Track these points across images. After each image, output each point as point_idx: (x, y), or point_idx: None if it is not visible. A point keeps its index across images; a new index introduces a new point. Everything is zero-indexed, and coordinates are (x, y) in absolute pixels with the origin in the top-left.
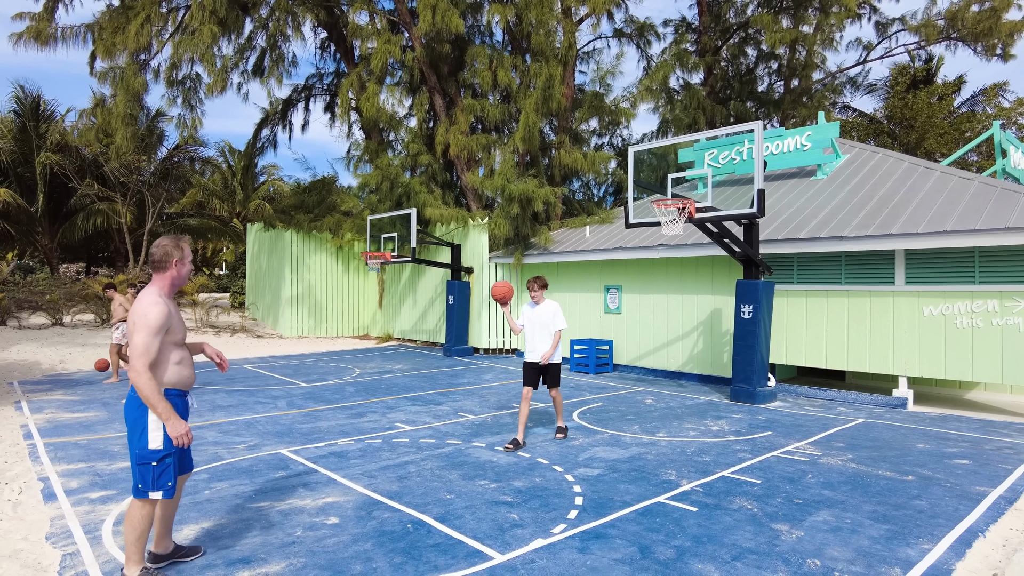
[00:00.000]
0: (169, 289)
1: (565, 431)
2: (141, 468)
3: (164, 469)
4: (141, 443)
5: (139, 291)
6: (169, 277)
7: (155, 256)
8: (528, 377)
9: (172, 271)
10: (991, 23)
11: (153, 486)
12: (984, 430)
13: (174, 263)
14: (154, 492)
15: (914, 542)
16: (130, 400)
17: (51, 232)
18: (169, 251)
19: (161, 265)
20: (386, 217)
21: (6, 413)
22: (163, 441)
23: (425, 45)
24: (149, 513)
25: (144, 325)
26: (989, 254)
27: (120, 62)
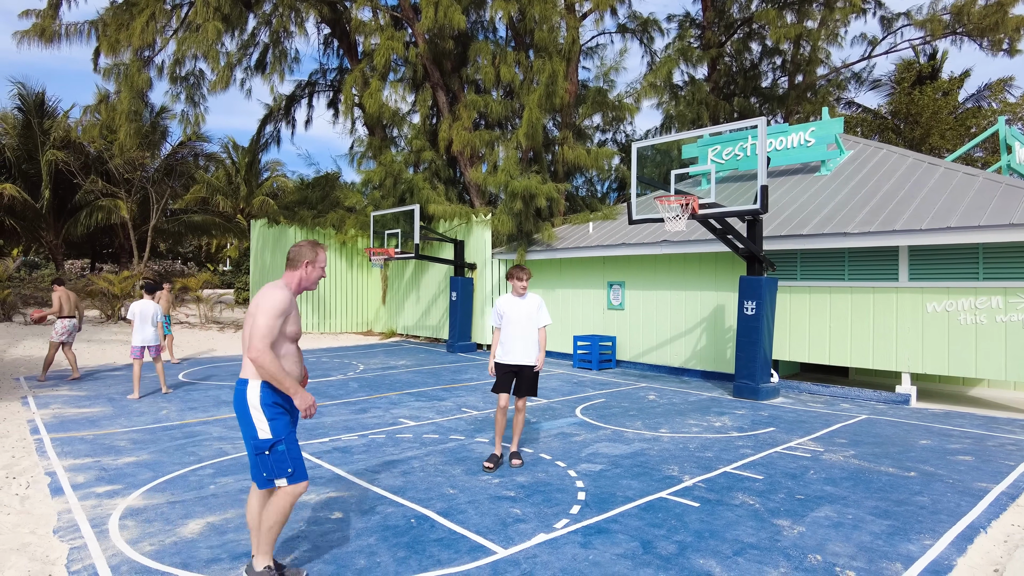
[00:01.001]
0: (296, 287)
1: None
2: (258, 459)
3: (278, 456)
4: (251, 434)
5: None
6: (298, 276)
7: (290, 255)
8: (502, 382)
9: (301, 271)
10: (997, 18)
11: (275, 473)
12: (987, 426)
13: (304, 264)
14: (279, 479)
15: (916, 538)
16: (238, 394)
17: (56, 228)
18: (303, 252)
19: (293, 263)
20: (389, 213)
21: (13, 408)
22: (271, 430)
23: (428, 41)
24: (288, 505)
25: (266, 308)
26: (993, 250)
27: (124, 59)
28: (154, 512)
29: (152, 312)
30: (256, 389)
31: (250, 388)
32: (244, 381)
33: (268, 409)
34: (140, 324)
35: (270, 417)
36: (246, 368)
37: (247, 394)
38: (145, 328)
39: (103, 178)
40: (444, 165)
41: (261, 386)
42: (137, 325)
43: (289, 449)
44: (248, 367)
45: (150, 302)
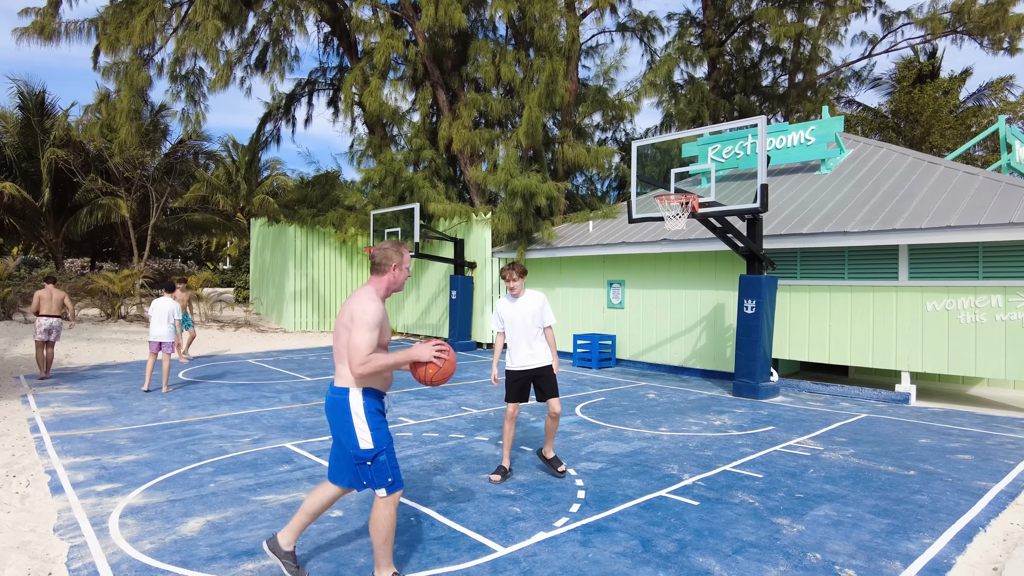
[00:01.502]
0: (384, 291)
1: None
2: (358, 468)
3: (380, 467)
4: (352, 444)
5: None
6: (386, 280)
7: (376, 259)
8: (513, 390)
9: (389, 275)
10: (998, 16)
11: (376, 484)
12: (987, 425)
13: (392, 267)
14: (379, 489)
15: (915, 536)
16: (337, 403)
17: (56, 227)
18: (390, 255)
19: (381, 268)
20: (389, 212)
21: (13, 407)
22: (373, 440)
23: (428, 40)
24: (391, 514)
25: (363, 322)
26: (993, 249)
27: (124, 57)
28: (154, 510)
29: (168, 310)
30: (358, 397)
31: (352, 397)
32: (344, 390)
33: (371, 417)
34: (155, 321)
35: (373, 427)
36: (342, 376)
37: (349, 402)
38: (160, 325)
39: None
40: (444, 164)
41: (363, 393)
42: (153, 322)
43: (389, 459)
44: (344, 375)
45: (167, 300)
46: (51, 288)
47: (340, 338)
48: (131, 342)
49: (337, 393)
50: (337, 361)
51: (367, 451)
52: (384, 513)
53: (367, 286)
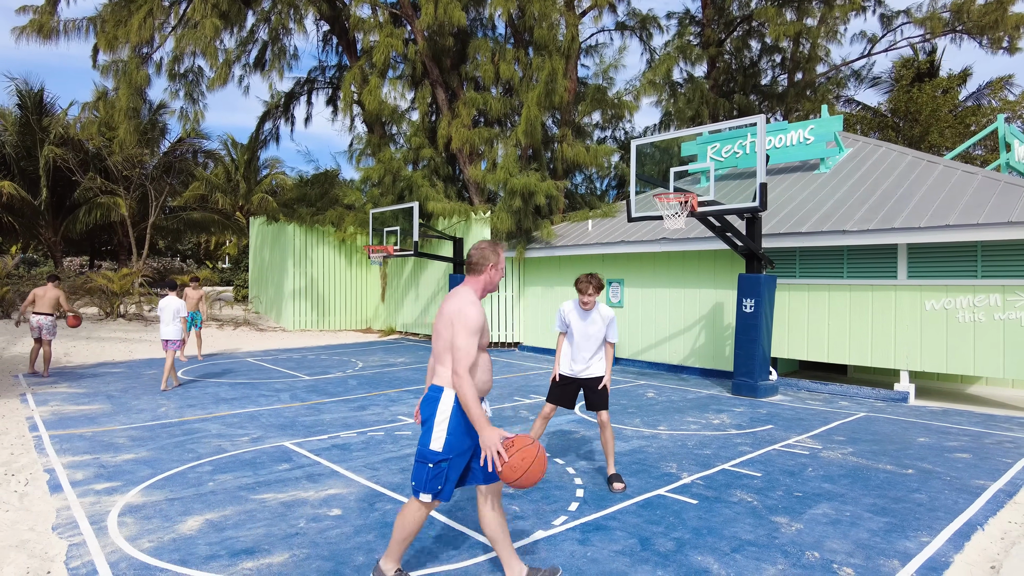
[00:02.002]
0: (481, 292)
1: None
2: (418, 465)
3: (438, 473)
4: (424, 441)
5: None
6: (483, 280)
7: (473, 259)
8: (557, 393)
9: (486, 275)
10: (997, 15)
11: (424, 487)
12: (985, 424)
13: (489, 267)
14: (424, 494)
15: (913, 535)
16: (428, 398)
17: (54, 225)
18: (487, 255)
19: (478, 268)
20: (388, 211)
21: (12, 405)
22: (444, 445)
23: (427, 38)
24: (423, 516)
25: (464, 326)
26: (992, 248)
27: (123, 55)
28: (153, 509)
29: (174, 308)
30: (450, 401)
31: (444, 397)
32: (440, 388)
33: (453, 423)
34: (163, 320)
35: (450, 431)
36: (440, 376)
37: (441, 402)
38: (168, 324)
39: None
40: (443, 163)
41: (455, 399)
42: (162, 322)
43: (451, 471)
44: (442, 375)
45: (173, 298)
46: (48, 287)
47: (441, 339)
48: (130, 341)
49: (433, 390)
50: (435, 361)
51: (434, 452)
52: (417, 515)
53: (465, 287)
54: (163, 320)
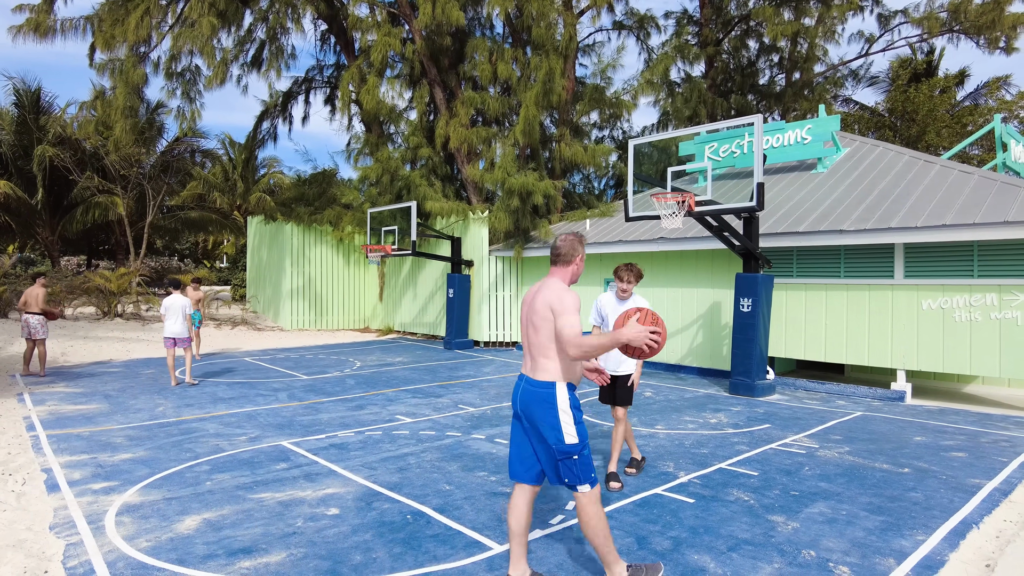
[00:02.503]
0: (569, 282)
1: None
2: (565, 463)
3: (585, 461)
4: (558, 439)
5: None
6: (571, 271)
7: (562, 250)
8: (604, 392)
9: (573, 266)
10: (994, 15)
11: (583, 479)
12: (981, 423)
13: (578, 259)
14: (584, 485)
15: (908, 533)
16: (543, 397)
17: (51, 225)
18: (576, 247)
19: (566, 259)
20: (386, 210)
21: (9, 405)
22: (578, 435)
23: (425, 37)
24: (600, 509)
25: (567, 308)
26: (988, 248)
27: (120, 54)
28: (150, 508)
29: (180, 306)
30: (564, 392)
31: (559, 391)
32: (550, 384)
33: (576, 412)
34: (169, 318)
35: (577, 421)
36: (546, 371)
37: (556, 397)
38: (175, 322)
39: (99, 174)
40: (441, 162)
41: (568, 388)
42: (167, 319)
43: (590, 454)
44: (549, 369)
45: (178, 297)
46: (34, 286)
47: (540, 332)
48: (128, 340)
49: (542, 387)
50: (537, 355)
51: (573, 446)
52: (594, 510)
53: (553, 278)
54: (170, 318)
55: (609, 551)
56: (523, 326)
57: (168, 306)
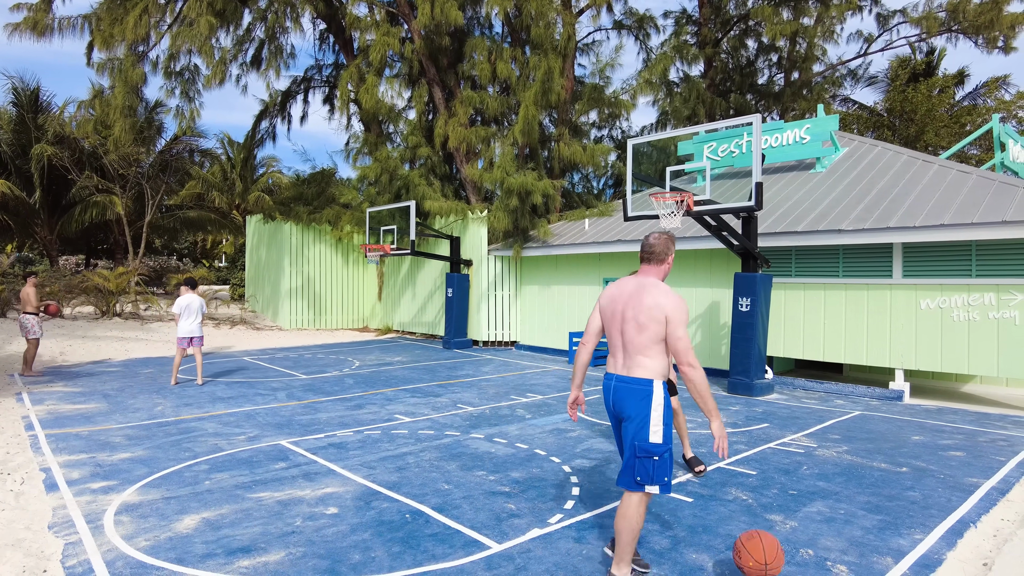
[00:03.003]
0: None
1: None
2: (641, 461)
3: (663, 464)
4: (642, 436)
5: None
6: (664, 269)
7: (656, 248)
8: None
9: (666, 265)
10: (992, 15)
11: (652, 480)
12: (979, 422)
13: (670, 257)
14: (651, 486)
15: (906, 532)
16: (639, 393)
17: (50, 224)
18: (669, 246)
19: (659, 257)
20: (385, 209)
21: (7, 404)
22: (663, 437)
23: (424, 37)
24: (644, 511)
25: (681, 320)
26: (986, 247)
27: (118, 53)
28: (149, 508)
29: (197, 305)
30: (661, 390)
31: (656, 388)
32: (647, 381)
33: (666, 413)
34: (184, 317)
35: (666, 423)
36: (644, 367)
37: (653, 394)
38: (189, 321)
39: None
40: (440, 161)
41: (664, 387)
42: (181, 318)
43: (671, 460)
44: (648, 367)
45: (194, 296)
46: (27, 285)
47: (646, 331)
48: (126, 340)
49: (640, 384)
50: (635, 353)
51: (657, 445)
52: (640, 510)
53: (652, 278)
54: (185, 317)
55: (630, 551)
56: (615, 321)
57: (184, 305)
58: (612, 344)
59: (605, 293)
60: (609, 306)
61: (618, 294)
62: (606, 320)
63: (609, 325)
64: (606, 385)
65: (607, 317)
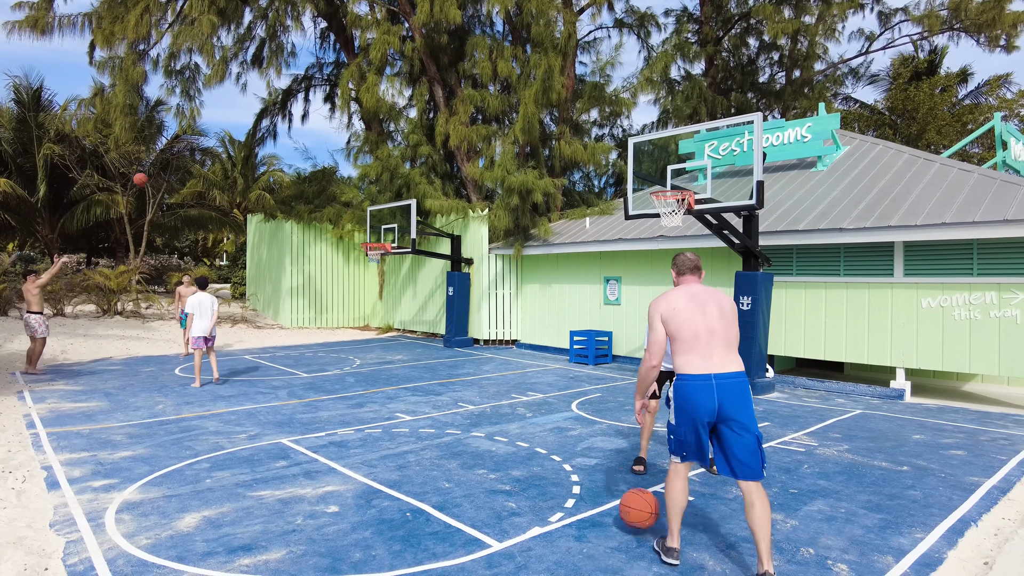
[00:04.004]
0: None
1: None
2: (761, 452)
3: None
4: (756, 427)
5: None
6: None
7: (698, 262)
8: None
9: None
10: (994, 13)
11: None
12: (980, 421)
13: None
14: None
15: (907, 531)
16: (743, 389)
17: (51, 223)
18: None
19: (699, 271)
20: (386, 208)
21: (9, 403)
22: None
23: (425, 35)
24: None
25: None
26: (988, 246)
27: (119, 52)
28: (150, 506)
29: (209, 304)
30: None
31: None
32: (746, 374)
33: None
34: (198, 316)
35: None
36: (740, 362)
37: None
38: (203, 320)
39: (99, 172)
40: (441, 160)
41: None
42: (195, 317)
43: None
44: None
45: (206, 295)
46: (27, 283)
47: (733, 327)
48: (127, 338)
49: (742, 378)
50: (728, 348)
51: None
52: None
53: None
54: (200, 316)
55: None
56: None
57: (196, 304)
58: (697, 344)
59: (672, 301)
60: (687, 309)
61: (694, 296)
62: (685, 322)
63: (694, 325)
64: (702, 386)
65: (686, 319)
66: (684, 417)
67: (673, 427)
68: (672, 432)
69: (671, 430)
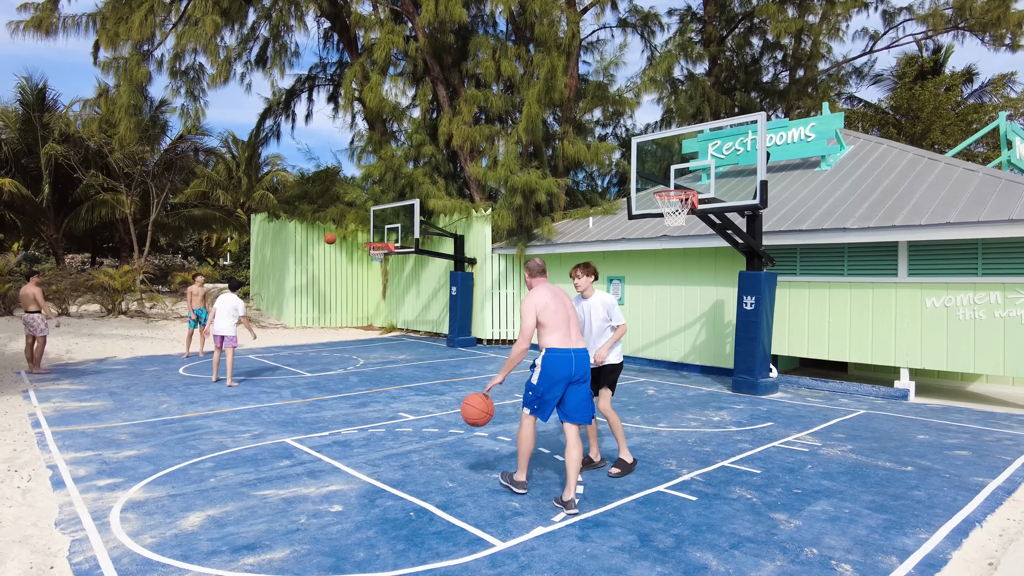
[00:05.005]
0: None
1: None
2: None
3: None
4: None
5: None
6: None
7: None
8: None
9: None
10: (999, 12)
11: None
12: (985, 422)
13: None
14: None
15: (911, 532)
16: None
17: (56, 223)
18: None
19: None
20: (389, 208)
21: (14, 402)
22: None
23: (428, 35)
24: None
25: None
26: (992, 246)
27: (123, 52)
28: (155, 505)
29: (231, 306)
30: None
31: None
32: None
33: None
34: (218, 316)
35: None
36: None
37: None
38: (223, 319)
39: (103, 173)
40: (444, 160)
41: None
42: (217, 317)
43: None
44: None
45: (231, 296)
46: (29, 284)
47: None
48: (132, 338)
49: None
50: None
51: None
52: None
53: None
54: (219, 316)
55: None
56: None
57: (221, 303)
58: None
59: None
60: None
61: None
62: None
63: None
64: (565, 358)
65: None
66: (549, 381)
67: (534, 387)
68: (531, 390)
69: (530, 388)
